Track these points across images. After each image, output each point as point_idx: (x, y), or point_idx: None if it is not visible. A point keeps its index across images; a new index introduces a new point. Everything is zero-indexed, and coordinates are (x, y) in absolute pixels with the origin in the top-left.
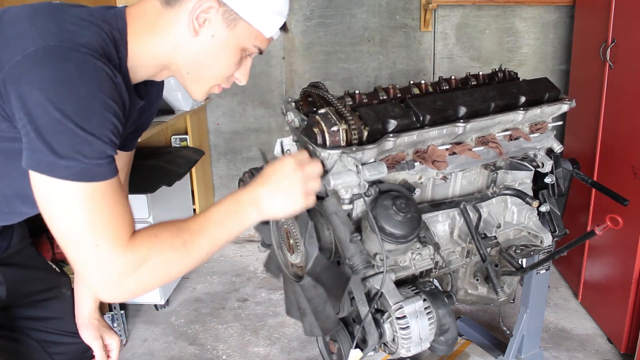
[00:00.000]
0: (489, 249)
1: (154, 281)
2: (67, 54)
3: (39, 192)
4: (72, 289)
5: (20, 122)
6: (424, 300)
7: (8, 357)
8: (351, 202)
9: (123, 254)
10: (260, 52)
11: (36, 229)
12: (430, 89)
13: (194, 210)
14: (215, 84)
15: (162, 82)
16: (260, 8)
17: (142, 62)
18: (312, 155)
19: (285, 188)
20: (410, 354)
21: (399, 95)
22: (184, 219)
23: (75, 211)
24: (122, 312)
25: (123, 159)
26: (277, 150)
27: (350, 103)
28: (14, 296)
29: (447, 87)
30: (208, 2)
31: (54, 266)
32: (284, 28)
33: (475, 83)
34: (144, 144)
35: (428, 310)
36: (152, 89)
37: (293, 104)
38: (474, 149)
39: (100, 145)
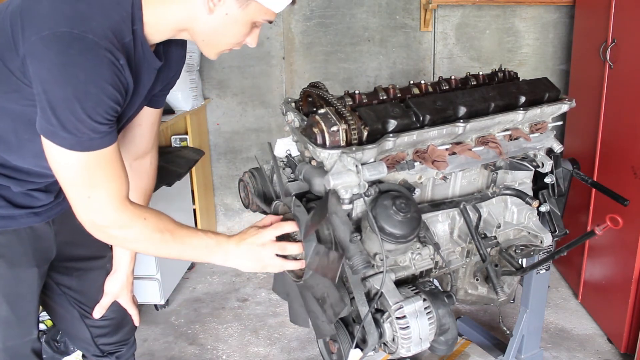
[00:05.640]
0: (489, 249)
1: (123, 244)
2: (75, 40)
3: (46, 150)
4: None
5: (35, 90)
6: (424, 300)
7: (55, 320)
8: (351, 202)
9: (112, 210)
10: (270, 22)
11: None
12: (430, 89)
13: (194, 210)
14: (227, 48)
15: (185, 42)
16: None
17: (158, 28)
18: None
19: (253, 257)
20: (410, 354)
21: (399, 95)
22: (176, 223)
23: (71, 171)
24: None
25: (153, 116)
26: (277, 150)
27: (350, 103)
28: (62, 256)
29: (447, 87)
30: None
31: None
32: (292, 1)
33: (475, 83)
34: None
35: (428, 310)
36: (173, 49)
37: (293, 104)
38: (474, 149)
39: (93, 124)
